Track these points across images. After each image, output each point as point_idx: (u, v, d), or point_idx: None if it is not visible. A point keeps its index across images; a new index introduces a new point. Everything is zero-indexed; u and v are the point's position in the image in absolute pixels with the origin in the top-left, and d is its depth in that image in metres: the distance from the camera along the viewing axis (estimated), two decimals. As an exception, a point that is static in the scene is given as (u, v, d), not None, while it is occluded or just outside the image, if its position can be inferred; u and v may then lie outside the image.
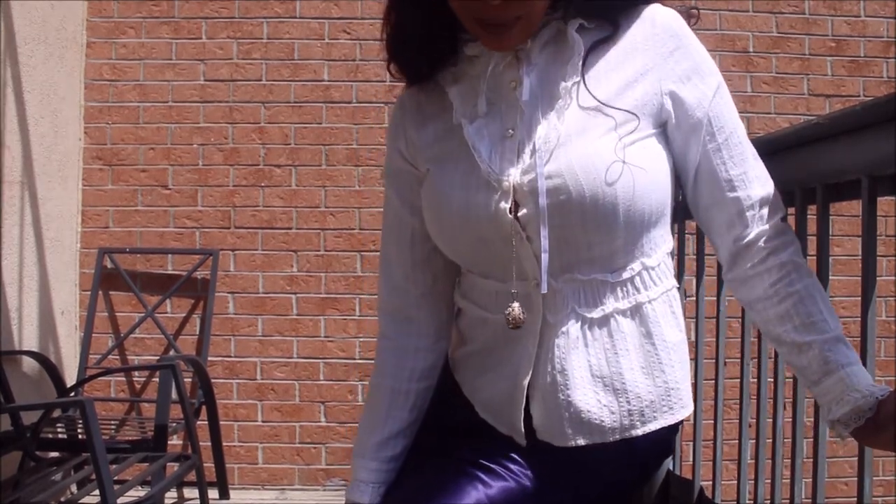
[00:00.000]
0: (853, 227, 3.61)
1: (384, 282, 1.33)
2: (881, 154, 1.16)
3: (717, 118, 1.17)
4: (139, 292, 3.70)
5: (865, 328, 1.24)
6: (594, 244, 1.14)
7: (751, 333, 1.72)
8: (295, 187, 3.75)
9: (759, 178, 1.17)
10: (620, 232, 1.13)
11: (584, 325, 1.16)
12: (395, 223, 1.31)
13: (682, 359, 1.20)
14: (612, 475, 1.22)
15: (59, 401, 3.05)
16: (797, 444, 1.47)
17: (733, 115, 1.18)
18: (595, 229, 1.12)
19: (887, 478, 3.61)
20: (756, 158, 1.18)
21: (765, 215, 1.16)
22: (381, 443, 1.30)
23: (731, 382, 1.89)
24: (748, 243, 1.16)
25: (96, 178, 3.74)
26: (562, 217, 1.12)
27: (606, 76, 1.16)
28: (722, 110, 1.17)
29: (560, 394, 1.15)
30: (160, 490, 2.73)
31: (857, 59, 3.82)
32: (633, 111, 1.14)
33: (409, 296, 1.31)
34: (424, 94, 1.26)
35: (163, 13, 3.77)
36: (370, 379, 1.37)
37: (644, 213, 1.13)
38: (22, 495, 2.56)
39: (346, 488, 1.33)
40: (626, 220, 1.12)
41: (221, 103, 3.76)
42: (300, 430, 3.72)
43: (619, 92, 1.15)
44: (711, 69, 1.18)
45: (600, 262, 1.15)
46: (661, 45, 1.16)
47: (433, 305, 1.31)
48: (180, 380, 2.97)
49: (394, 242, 1.31)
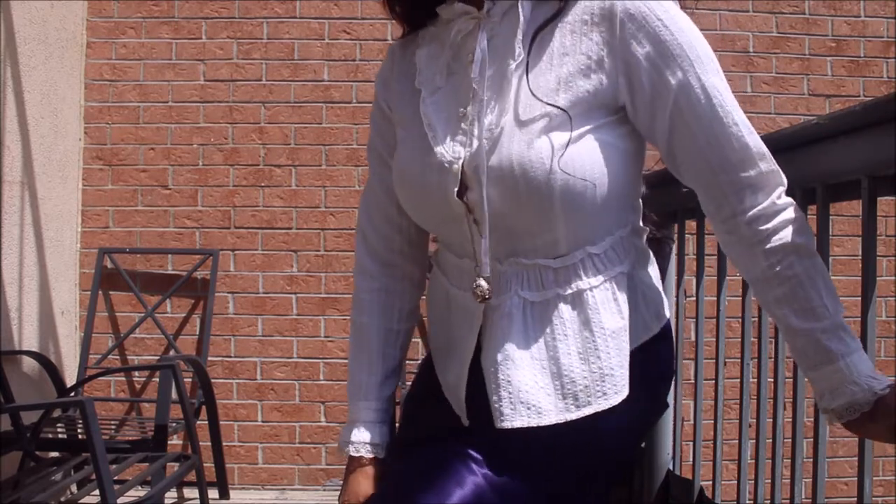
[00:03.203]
0: (853, 227, 3.61)
1: (368, 225, 1.36)
2: (881, 154, 1.16)
3: (688, 102, 1.08)
4: (139, 292, 3.70)
5: (865, 328, 1.24)
6: (535, 233, 1.15)
7: (751, 333, 1.72)
8: (295, 187, 3.76)
9: (745, 160, 1.09)
10: (560, 224, 1.13)
11: (525, 308, 1.16)
12: (377, 166, 1.33)
13: (619, 346, 1.16)
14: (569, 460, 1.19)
15: (59, 401, 3.05)
16: (797, 444, 1.47)
17: (714, 92, 1.08)
18: (535, 221, 1.13)
19: (887, 478, 3.61)
20: (744, 133, 1.09)
21: (758, 195, 1.10)
22: (381, 383, 1.33)
23: (731, 382, 1.89)
24: (738, 223, 1.11)
25: (96, 178, 3.74)
26: (503, 206, 1.13)
27: (552, 62, 1.13)
28: (693, 93, 1.08)
29: (501, 374, 1.15)
30: (160, 490, 2.73)
31: (857, 59, 3.82)
32: (575, 106, 1.10)
33: (394, 242, 1.34)
34: (412, 47, 1.26)
35: (163, 13, 3.77)
36: (353, 318, 1.38)
37: (585, 208, 1.12)
38: (22, 495, 2.56)
39: (344, 429, 1.33)
40: (566, 214, 1.12)
41: (221, 103, 3.76)
42: (300, 430, 3.72)
43: (565, 81, 1.11)
44: (684, 47, 1.08)
45: (543, 249, 1.16)
46: (619, 25, 1.09)
47: (417, 253, 1.36)
48: (180, 380, 2.97)
49: (378, 184, 1.33)
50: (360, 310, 1.36)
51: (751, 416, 1.70)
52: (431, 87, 1.20)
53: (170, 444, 3.08)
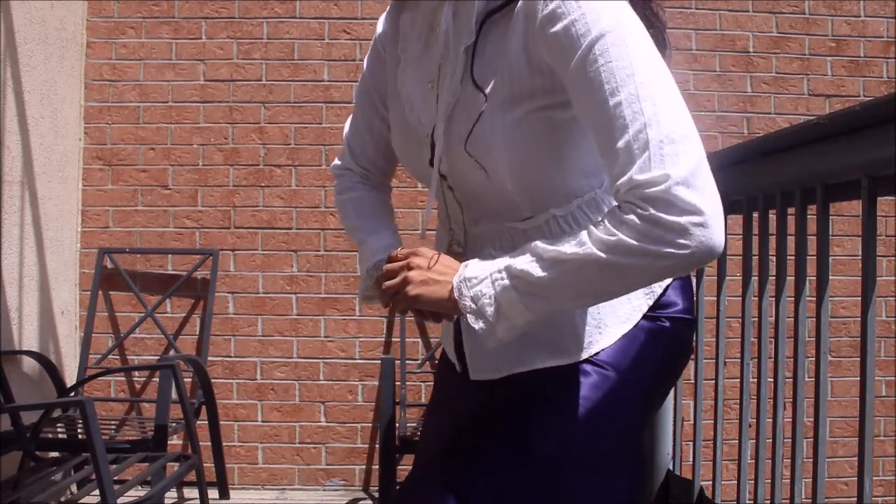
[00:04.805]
0: (853, 227, 3.61)
1: (350, 158, 1.46)
2: (881, 154, 1.16)
3: (581, 85, 1.04)
4: (139, 292, 3.70)
5: (865, 328, 1.24)
6: (493, 203, 1.21)
7: (751, 333, 1.72)
8: (295, 187, 3.76)
9: (626, 162, 1.00)
10: (512, 196, 1.18)
11: None
12: (367, 109, 1.42)
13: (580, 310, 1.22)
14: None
15: (59, 401, 3.05)
16: (797, 444, 1.47)
17: (613, 78, 1.01)
18: (488, 194, 1.20)
19: (887, 478, 3.61)
20: (640, 129, 0.99)
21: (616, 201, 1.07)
22: (394, 230, 1.42)
23: (731, 382, 1.89)
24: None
25: (96, 178, 3.74)
26: (458, 181, 1.22)
27: (495, 46, 1.14)
28: (588, 77, 1.03)
29: (471, 331, 1.20)
30: (160, 490, 2.73)
31: (857, 59, 3.82)
32: (503, 89, 1.12)
33: (371, 173, 1.46)
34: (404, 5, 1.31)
35: (163, 13, 3.77)
36: (342, 199, 1.46)
37: (532, 183, 1.17)
38: (22, 495, 2.56)
39: (362, 275, 1.39)
40: (515, 189, 1.17)
41: (221, 103, 3.76)
42: (300, 430, 3.72)
43: (502, 67, 1.13)
44: (588, 26, 1.03)
45: (507, 213, 1.21)
46: (535, 11, 1.08)
47: (389, 180, 1.50)
48: (180, 380, 2.97)
49: (364, 126, 1.43)
50: (348, 189, 1.46)
51: (751, 416, 1.70)
52: (410, 56, 1.26)
53: (170, 444, 3.08)
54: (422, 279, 1.14)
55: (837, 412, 3.66)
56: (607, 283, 1.04)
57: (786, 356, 1.59)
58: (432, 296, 1.13)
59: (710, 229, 0.97)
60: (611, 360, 1.22)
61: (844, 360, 3.70)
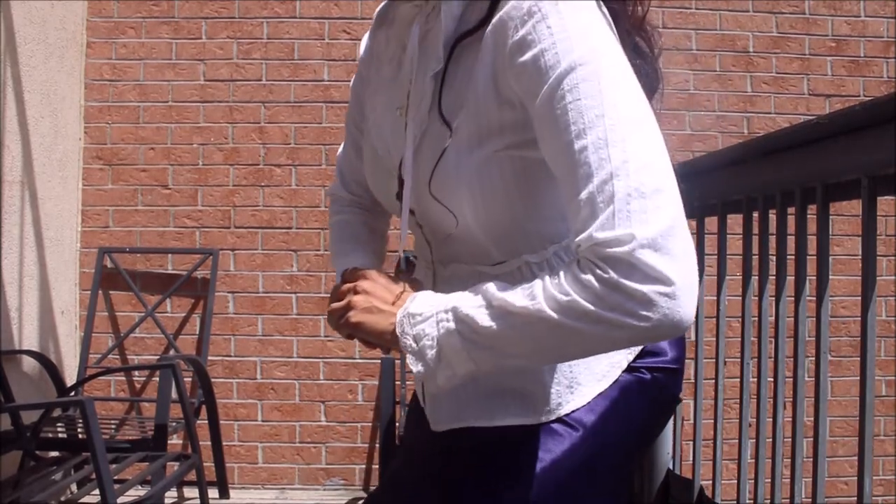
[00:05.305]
0: (853, 227, 3.61)
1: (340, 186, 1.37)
2: (881, 154, 1.16)
3: (546, 124, 0.92)
4: (139, 292, 3.70)
5: (865, 328, 1.24)
6: (462, 246, 1.10)
7: (751, 333, 1.72)
8: (295, 187, 3.76)
9: (588, 217, 0.87)
10: (480, 240, 1.07)
11: None
12: (353, 132, 1.32)
13: (550, 366, 1.09)
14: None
15: (59, 400, 3.05)
16: (797, 443, 1.47)
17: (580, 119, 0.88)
18: (457, 236, 1.08)
19: (887, 477, 3.61)
20: (606, 179, 0.86)
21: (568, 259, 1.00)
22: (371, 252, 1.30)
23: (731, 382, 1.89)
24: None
25: (96, 178, 3.74)
26: (425, 219, 1.10)
27: (465, 75, 1.02)
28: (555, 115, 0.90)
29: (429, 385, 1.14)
30: (160, 489, 2.73)
31: (858, 59, 3.82)
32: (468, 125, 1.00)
33: (363, 198, 1.35)
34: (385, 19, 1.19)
35: (163, 13, 3.77)
36: (331, 221, 1.37)
37: (501, 228, 1.05)
38: (22, 495, 2.56)
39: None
40: (483, 234, 1.06)
41: (221, 103, 3.76)
42: (300, 429, 3.72)
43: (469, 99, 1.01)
44: (558, 57, 0.90)
45: (478, 256, 1.09)
46: (505, 36, 0.95)
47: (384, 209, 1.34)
48: (180, 379, 2.97)
49: (352, 150, 1.33)
50: (338, 213, 1.37)
51: (751, 416, 1.70)
52: (382, 78, 1.16)
53: (170, 444, 3.08)
54: (365, 306, 1.02)
55: (837, 412, 3.66)
56: (558, 345, 0.90)
57: (786, 356, 1.59)
58: (374, 326, 1.01)
59: (678, 301, 0.83)
60: (583, 420, 1.09)
61: (844, 359, 3.70)
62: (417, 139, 1.05)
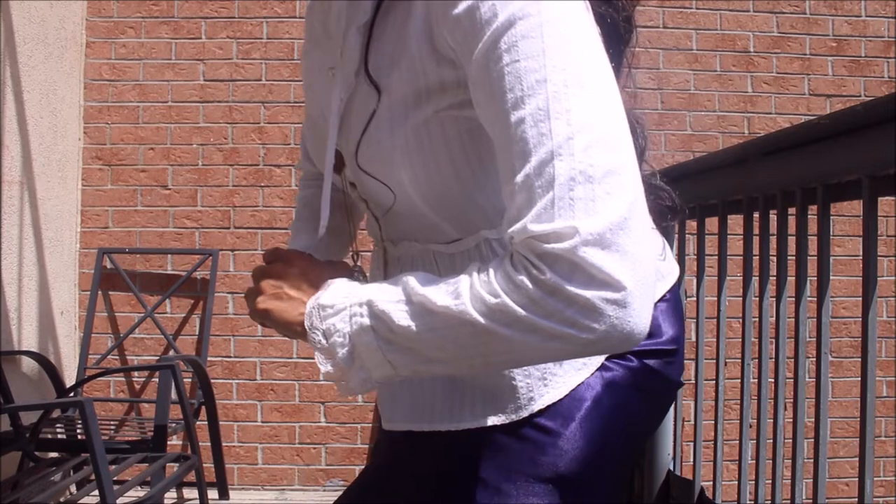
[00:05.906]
0: (853, 227, 3.61)
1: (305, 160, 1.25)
2: (881, 154, 1.16)
3: (481, 88, 0.78)
4: (139, 292, 3.70)
5: (866, 328, 1.23)
6: (411, 222, 0.96)
7: (751, 333, 1.72)
8: (295, 187, 3.75)
9: (523, 204, 0.73)
10: (426, 215, 0.94)
11: None
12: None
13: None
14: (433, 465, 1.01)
15: (59, 401, 3.05)
16: (798, 444, 1.47)
17: (518, 85, 0.74)
18: (402, 212, 0.95)
19: (888, 478, 3.61)
20: (546, 159, 0.72)
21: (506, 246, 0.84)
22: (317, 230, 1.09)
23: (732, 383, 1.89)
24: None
25: (96, 178, 3.74)
26: (366, 192, 0.98)
27: (393, 33, 0.88)
28: (491, 78, 0.76)
29: None
30: (160, 490, 2.73)
31: (858, 58, 3.81)
32: (401, 88, 0.87)
33: None
34: None
35: (162, 13, 3.77)
36: (298, 196, 1.26)
37: (444, 200, 0.92)
38: (21, 495, 2.55)
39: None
40: (428, 207, 0.93)
41: (221, 103, 3.76)
42: (300, 430, 3.71)
43: (398, 58, 0.87)
44: (495, 9, 0.75)
45: (429, 235, 0.96)
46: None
47: None
48: (180, 380, 2.97)
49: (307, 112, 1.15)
50: (303, 188, 1.25)
51: (751, 417, 1.70)
52: (314, 36, 1.02)
53: (169, 445, 3.08)
54: (274, 291, 0.89)
55: (838, 412, 3.66)
56: (485, 353, 0.76)
57: (786, 356, 1.59)
58: (281, 315, 0.88)
59: (628, 309, 0.69)
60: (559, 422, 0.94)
61: (845, 360, 3.70)
62: (343, 103, 0.92)
